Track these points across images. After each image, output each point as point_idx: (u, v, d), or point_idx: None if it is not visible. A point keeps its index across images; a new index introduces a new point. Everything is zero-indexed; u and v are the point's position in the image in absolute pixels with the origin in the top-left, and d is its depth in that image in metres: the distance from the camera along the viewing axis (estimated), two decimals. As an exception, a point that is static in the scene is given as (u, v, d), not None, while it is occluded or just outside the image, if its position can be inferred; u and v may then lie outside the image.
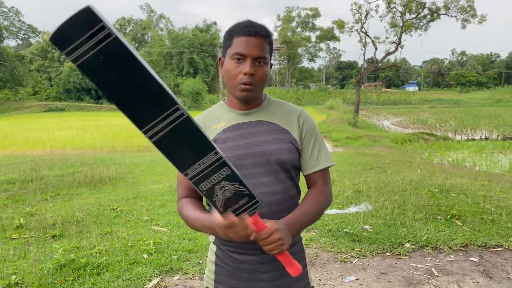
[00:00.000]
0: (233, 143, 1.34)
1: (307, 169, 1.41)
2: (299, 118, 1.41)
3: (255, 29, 1.29)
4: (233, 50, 1.30)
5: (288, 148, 1.35)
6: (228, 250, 1.39)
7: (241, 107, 1.39)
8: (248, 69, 1.27)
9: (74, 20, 0.85)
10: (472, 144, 15.52)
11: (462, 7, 21.04)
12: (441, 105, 42.19)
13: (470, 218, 4.60)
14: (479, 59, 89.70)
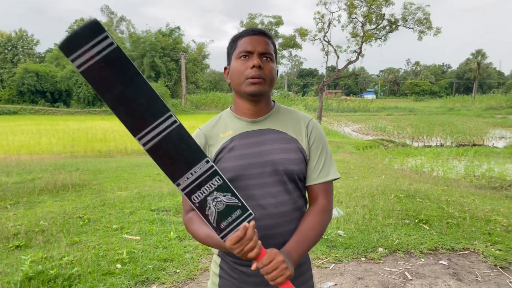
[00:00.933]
0: (241, 152, 1.31)
1: (311, 180, 1.37)
2: (307, 127, 1.38)
3: (259, 29, 1.31)
4: (238, 50, 1.30)
5: (297, 158, 1.33)
6: (234, 262, 1.36)
7: (249, 115, 1.36)
8: (256, 61, 1.26)
9: (83, 29, 0.95)
10: (429, 150, 16.16)
11: (419, 20, 22.02)
12: (397, 113, 43.79)
13: (437, 223, 4.77)
14: (432, 69, 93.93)
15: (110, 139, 18.93)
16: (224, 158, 1.31)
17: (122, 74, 1.00)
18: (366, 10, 22.30)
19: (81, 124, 27.26)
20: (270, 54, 1.29)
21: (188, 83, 46.26)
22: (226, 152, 1.31)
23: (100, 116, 37.79)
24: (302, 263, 1.41)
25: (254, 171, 1.29)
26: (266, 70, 1.28)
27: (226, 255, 1.37)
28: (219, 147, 1.32)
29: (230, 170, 1.29)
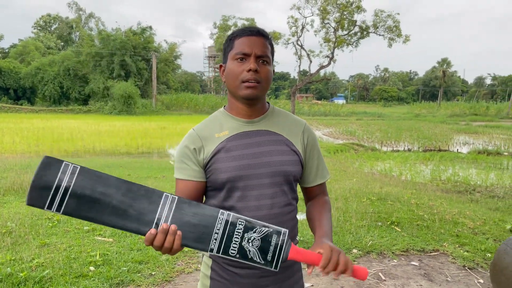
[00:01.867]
0: (238, 153, 1.30)
1: (310, 182, 1.43)
2: (303, 131, 1.41)
3: (256, 29, 1.29)
4: (235, 51, 1.28)
5: (293, 160, 1.35)
6: (226, 263, 1.35)
7: (244, 115, 1.35)
8: (253, 65, 1.24)
9: (44, 166, 0.96)
10: (397, 155, 16.59)
11: (389, 27, 22.62)
12: (367, 118, 44.68)
13: (407, 225, 4.90)
14: (399, 76, 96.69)
15: (77, 138, 18.41)
16: (220, 158, 1.29)
17: (104, 185, 0.99)
18: (339, 16, 22.72)
19: (47, 123, 26.37)
20: (267, 57, 1.28)
21: (159, 83, 45.65)
22: (223, 153, 1.30)
23: (66, 115, 36.69)
24: (294, 263, 1.42)
25: (252, 172, 1.29)
26: (262, 73, 1.27)
27: (217, 257, 1.36)
28: (215, 148, 1.31)
29: (227, 171, 1.28)
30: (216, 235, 1.06)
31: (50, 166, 0.97)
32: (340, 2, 22.19)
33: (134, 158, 13.14)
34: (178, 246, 1.05)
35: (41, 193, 0.95)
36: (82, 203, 0.98)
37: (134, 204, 1.02)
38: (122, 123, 26.35)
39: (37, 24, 63.55)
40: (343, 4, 22.15)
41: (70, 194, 0.97)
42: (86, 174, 0.98)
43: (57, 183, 0.96)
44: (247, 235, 1.07)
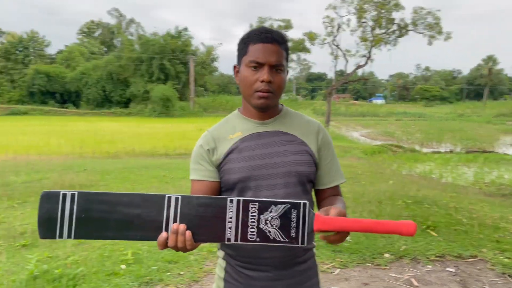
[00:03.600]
0: (250, 153, 1.30)
1: (324, 184, 1.39)
2: (318, 132, 1.39)
3: (271, 35, 1.26)
4: (249, 58, 1.26)
5: (306, 160, 1.33)
6: (239, 265, 1.34)
7: (257, 116, 1.35)
8: (266, 76, 1.23)
9: (43, 202, 1.00)
10: (438, 156, 16.03)
11: (429, 24, 21.89)
12: (407, 118, 43.45)
13: (444, 229, 4.72)
14: (442, 74, 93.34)
15: (118, 140, 19.03)
16: (233, 159, 1.30)
17: (106, 204, 1.02)
18: (376, 15, 22.22)
19: (90, 125, 27.47)
20: (281, 66, 1.27)
21: (197, 86, 46.42)
22: (235, 153, 1.31)
23: (109, 117, 38.04)
24: (309, 268, 1.40)
25: (264, 172, 1.29)
26: (275, 83, 1.26)
27: (231, 258, 1.36)
28: (228, 149, 1.32)
29: (240, 171, 1.29)
30: (230, 224, 1.04)
31: (49, 200, 1.01)
32: (378, 0, 21.72)
33: (172, 159, 13.41)
34: (191, 244, 1.05)
35: (49, 226, 1.01)
36: (89, 225, 1.02)
37: (139, 213, 1.03)
38: (161, 125, 27.02)
39: (81, 30, 66.31)
40: (381, 2, 21.66)
41: (75, 220, 1.01)
42: (85, 198, 1.03)
43: (60, 213, 1.01)
44: (263, 216, 1.04)
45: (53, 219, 1.00)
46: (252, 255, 1.31)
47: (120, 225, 1.03)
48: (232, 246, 1.34)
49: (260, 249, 1.29)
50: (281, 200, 1.06)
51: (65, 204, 1.00)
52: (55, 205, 1.00)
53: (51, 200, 1.01)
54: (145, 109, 39.65)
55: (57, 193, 1.01)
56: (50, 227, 1.00)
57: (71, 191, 1.02)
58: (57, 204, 1.00)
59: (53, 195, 1.01)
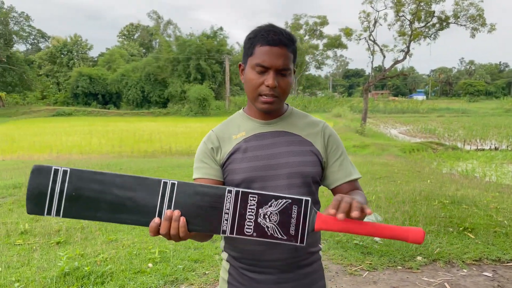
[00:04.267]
0: (254, 153, 1.27)
1: (336, 180, 1.33)
2: (324, 131, 1.35)
3: (279, 38, 1.20)
4: (255, 60, 1.22)
5: (312, 160, 1.29)
6: (243, 268, 1.31)
7: (262, 116, 1.33)
8: (271, 81, 1.19)
9: (33, 176, 0.97)
10: (482, 154, 15.32)
11: (472, 16, 20.91)
12: (449, 114, 41.90)
13: (483, 231, 4.48)
14: (487, 68, 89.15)
15: (156, 139, 19.49)
16: (236, 159, 1.28)
17: (97, 183, 0.98)
18: (415, 8, 21.45)
19: (130, 125, 28.31)
20: (287, 69, 1.22)
21: (232, 85, 46.78)
22: (239, 154, 1.28)
23: (148, 117, 39.07)
24: (315, 270, 1.35)
25: (268, 173, 1.26)
26: (281, 88, 1.23)
27: (235, 260, 1.33)
28: (232, 149, 1.30)
29: (243, 171, 1.26)
30: (227, 215, 1.00)
31: (40, 174, 0.97)
32: (416, -7, 21.00)
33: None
34: (184, 232, 1.00)
35: (38, 201, 0.97)
36: (80, 204, 0.98)
37: (133, 197, 0.99)
38: (197, 124, 27.46)
39: (121, 33, 68.46)
40: (420, -6, 20.93)
41: (65, 197, 0.97)
42: (77, 175, 0.98)
43: (50, 189, 0.97)
44: (261, 210, 0.99)
45: (43, 195, 0.96)
46: (255, 257, 1.28)
47: (112, 207, 0.99)
48: (236, 248, 1.32)
49: (263, 251, 1.26)
50: (283, 195, 1.01)
51: (56, 180, 0.97)
52: (46, 181, 0.97)
53: (42, 174, 0.97)
54: (182, 108, 40.43)
55: (49, 168, 0.97)
56: (39, 203, 0.97)
57: (64, 167, 0.98)
58: (48, 179, 0.97)
59: (44, 170, 0.97)
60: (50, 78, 55.98)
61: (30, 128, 25.96)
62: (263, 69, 1.21)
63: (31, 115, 41.32)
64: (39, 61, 55.75)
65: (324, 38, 47.33)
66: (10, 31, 49.45)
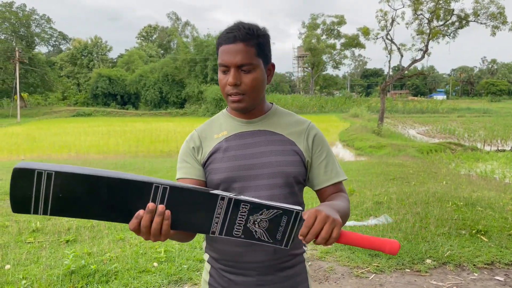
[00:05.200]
0: (235, 153, 1.26)
1: (320, 183, 1.30)
2: (308, 130, 1.32)
3: (233, 34, 1.18)
4: (218, 61, 1.22)
5: (294, 160, 1.26)
6: (222, 269, 1.30)
7: (243, 116, 1.31)
8: (230, 79, 1.18)
9: (15, 179, 0.91)
10: (502, 155, 14.93)
11: (492, 14, 20.41)
12: (470, 114, 41.03)
13: (497, 234, 4.35)
14: (510, 67, 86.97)
15: (172, 139, 19.66)
16: (217, 158, 1.26)
17: (84, 186, 0.94)
18: (433, 6, 21.06)
19: (147, 125, 28.63)
20: (249, 64, 1.18)
21: (249, 85, 46.80)
22: (219, 153, 1.27)
23: (165, 117, 39.45)
24: (297, 273, 1.32)
25: (249, 173, 1.24)
26: (245, 84, 1.19)
27: (215, 261, 1.32)
28: (212, 148, 1.28)
29: (223, 171, 1.24)
30: (217, 220, 0.99)
31: (23, 177, 0.92)
32: (435, -9, 20.63)
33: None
34: (167, 229, 0.95)
35: (23, 202, 0.93)
36: (68, 204, 0.95)
37: (121, 200, 0.96)
38: (213, 124, 27.51)
39: (140, 34, 69.33)
40: (439, -8, 20.56)
41: (52, 198, 0.93)
42: (63, 178, 0.94)
43: (35, 191, 0.92)
44: (252, 217, 0.99)
45: (27, 197, 0.92)
46: (235, 259, 1.26)
47: (101, 208, 0.95)
48: (216, 249, 1.30)
49: (243, 252, 1.24)
50: (275, 205, 0.99)
51: (40, 183, 0.91)
52: (30, 184, 0.91)
53: (25, 178, 0.91)
54: (199, 109, 40.69)
55: (32, 172, 0.92)
56: (24, 204, 0.92)
57: (48, 169, 0.92)
58: (32, 182, 0.91)
59: (27, 173, 0.91)
60: (71, 79, 57.14)
61: (50, 128, 26.52)
62: (225, 68, 1.20)
63: (52, 115, 42.24)
64: (60, 62, 56.97)
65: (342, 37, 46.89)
66: (32, 33, 50.69)
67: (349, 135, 21.10)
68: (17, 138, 20.41)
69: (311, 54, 52.43)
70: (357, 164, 11.21)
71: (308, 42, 50.55)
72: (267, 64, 1.27)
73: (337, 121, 31.44)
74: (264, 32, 1.25)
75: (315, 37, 50.67)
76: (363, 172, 9.27)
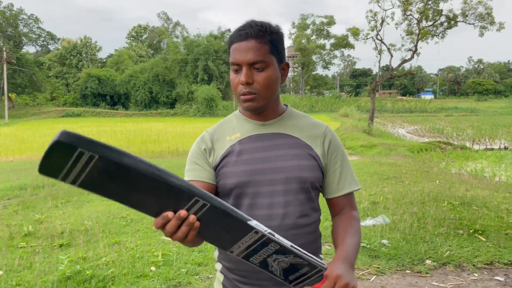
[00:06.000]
0: (249, 156, 1.20)
1: (332, 192, 1.26)
2: (325, 134, 1.27)
3: (245, 32, 1.14)
4: (230, 60, 1.17)
5: (311, 165, 1.21)
6: (237, 280, 1.24)
7: (258, 117, 1.25)
8: (242, 78, 1.13)
9: (53, 151, 0.80)
10: (491, 153, 15.09)
11: (480, 15, 20.62)
12: (457, 114, 41.49)
13: (494, 234, 4.36)
14: (496, 67, 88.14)
15: (163, 140, 19.49)
16: (230, 162, 1.20)
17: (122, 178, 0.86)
18: (422, 6, 21.20)
19: (138, 126, 28.38)
20: (262, 62, 1.13)
21: (240, 85, 46.77)
22: (232, 156, 1.21)
23: (155, 118, 39.17)
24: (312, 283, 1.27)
25: (263, 177, 1.18)
26: (257, 83, 1.14)
27: (229, 272, 1.26)
28: (225, 151, 1.22)
29: (237, 175, 1.19)
30: (242, 245, 0.94)
31: (60, 152, 0.82)
32: (424, -8, 20.78)
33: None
34: (191, 238, 0.91)
35: (53, 169, 0.83)
36: (99, 184, 0.86)
37: (157, 201, 0.89)
38: (204, 124, 27.41)
39: (130, 34, 68.79)
40: (428, -7, 20.71)
41: (86, 175, 0.84)
42: (104, 163, 0.85)
43: (69, 166, 0.83)
44: (275, 256, 0.96)
45: (60, 167, 0.82)
46: (250, 269, 1.20)
47: (133, 197, 0.88)
48: (230, 259, 1.25)
49: None
50: (303, 256, 0.95)
51: (78, 161, 0.82)
52: (67, 159, 0.82)
53: (64, 152, 0.82)
54: (189, 109, 40.51)
55: (74, 149, 0.82)
56: (54, 171, 0.82)
57: (92, 151, 0.83)
58: (70, 158, 0.82)
59: (68, 149, 0.82)
60: (60, 80, 56.44)
61: (39, 129, 26.11)
62: (237, 67, 1.15)
63: (40, 116, 41.64)
64: (48, 62, 56.23)
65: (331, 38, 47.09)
66: (20, 33, 49.94)
67: (340, 134, 21.14)
68: (5, 139, 20.05)
69: (301, 54, 52.52)
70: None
71: (298, 42, 50.62)
72: (280, 62, 1.21)
73: (328, 120, 31.49)
74: (278, 29, 1.20)
75: (305, 37, 50.78)
76: (357, 171, 9.27)
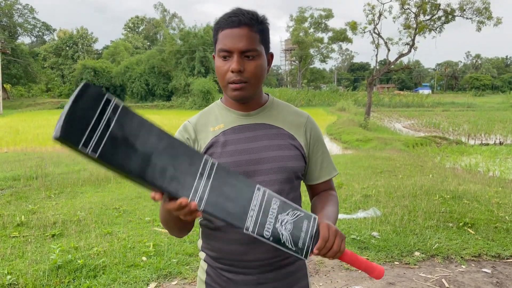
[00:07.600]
0: (233, 148, 1.20)
1: (314, 179, 1.31)
2: (306, 124, 1.29)
3: (238, 18, 1.13)
4: (218, 46, 1.15)
5: (294, 155, 1.23)
6: (221, 269, 1.25)
7: (240, 108, 1.25)
8: (235, 65, 1.11)
9: (81, 96, 0.78)
10: (486, 148, 15.17)
11: (478, 9, 20.62)
12: (454, 109, 41.58)
13: (483, 227, 4.41)
14: (494, 62, 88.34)
15: (158, 132, 19.46)
16: (215, 153, 1.20)
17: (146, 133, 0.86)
18: (420, 0, 21.20)
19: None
20: (253, 50, 1.13)
21: (237, 78, 46.61)
22: (217, 147, 1.21)
23: (151, 110, 39.02)
24: (297, 270, 1.30)
25: (248, 168, 1.19)
26: (248, 72, 1.14)
27: (213, 260, 1.27)
28: (209, 142, 1.22)
29: None
30: (252, 212, 0.97)
31: (89, 98, 0.79)
32: (422, -15, 20.74)
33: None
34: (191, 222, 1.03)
35: (77, 127, 0.78)
36: (121, 149, 0.83)
37: (175, 163, 0.90)
38: (200, 117, 27.33)
39: (126, 26, 68.37)
40: (425, -13, 20.67)
41: (109, 135, 0.81)
42: (128, 116, 0.84)
43: (94, 123, 0.79)
44: (280, 216, 1.00)
45: (86, 123, 0.78)
46: (235, 258, 1.22)
47: (151, 165, 0.86)
48: (214, 248, 1.26)
49: (245, 251, 1.20)
50: (298, 207, 1.04)
51: (104, 112, 0.79)
52: (95, 107, 0.79)
53: (93, 99, 0.79)
54: (186, 102, 40.36)
55: (101, 95, 0.80)
56: (78, 130, 0.77)
57: (116, 100, 0.82)
58: (97, 106, 0.79)
59: (95, 94, 0.79)
60: (55, 71, 56.11)
61: (34, 120, 25.99)
62: (227, 53, 1.14)
63: (35, 107, 41.43)
64: (44, 53, 55.87)
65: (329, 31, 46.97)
66: (15, 23, 49.52)
67: (336, 128, 21.17)
68: (0, 130, 19.97)
69: (299, 48, 52.39)
70: (344, 158, 11.25)
71: (296, 35, 50.47)
72: (267, 53, 1.22)
73: (324, 114, 31.51)
74: (266, 19, 1.20)
75: (303, 31, 50.63)
76: (351, 165, 9.31)
